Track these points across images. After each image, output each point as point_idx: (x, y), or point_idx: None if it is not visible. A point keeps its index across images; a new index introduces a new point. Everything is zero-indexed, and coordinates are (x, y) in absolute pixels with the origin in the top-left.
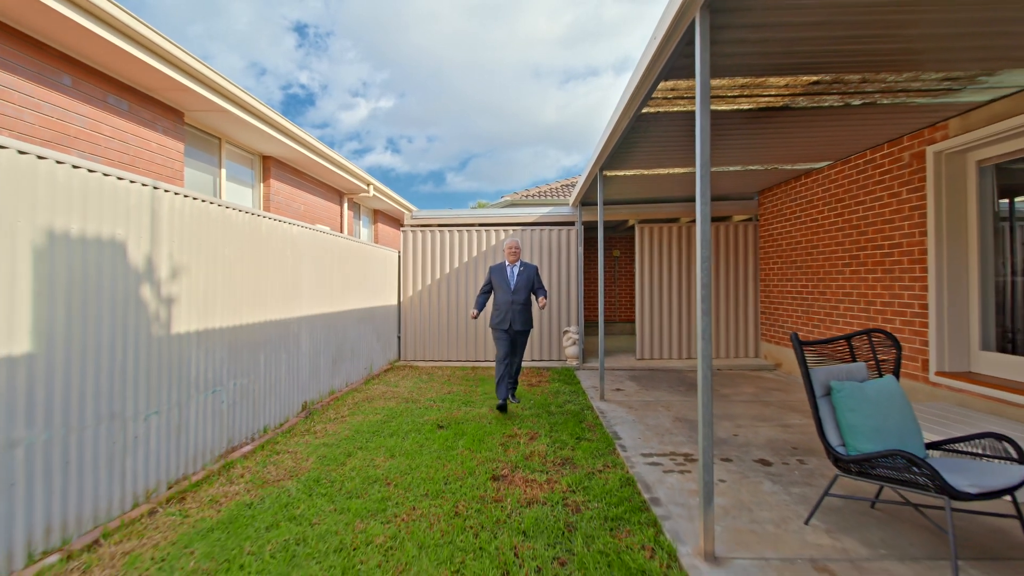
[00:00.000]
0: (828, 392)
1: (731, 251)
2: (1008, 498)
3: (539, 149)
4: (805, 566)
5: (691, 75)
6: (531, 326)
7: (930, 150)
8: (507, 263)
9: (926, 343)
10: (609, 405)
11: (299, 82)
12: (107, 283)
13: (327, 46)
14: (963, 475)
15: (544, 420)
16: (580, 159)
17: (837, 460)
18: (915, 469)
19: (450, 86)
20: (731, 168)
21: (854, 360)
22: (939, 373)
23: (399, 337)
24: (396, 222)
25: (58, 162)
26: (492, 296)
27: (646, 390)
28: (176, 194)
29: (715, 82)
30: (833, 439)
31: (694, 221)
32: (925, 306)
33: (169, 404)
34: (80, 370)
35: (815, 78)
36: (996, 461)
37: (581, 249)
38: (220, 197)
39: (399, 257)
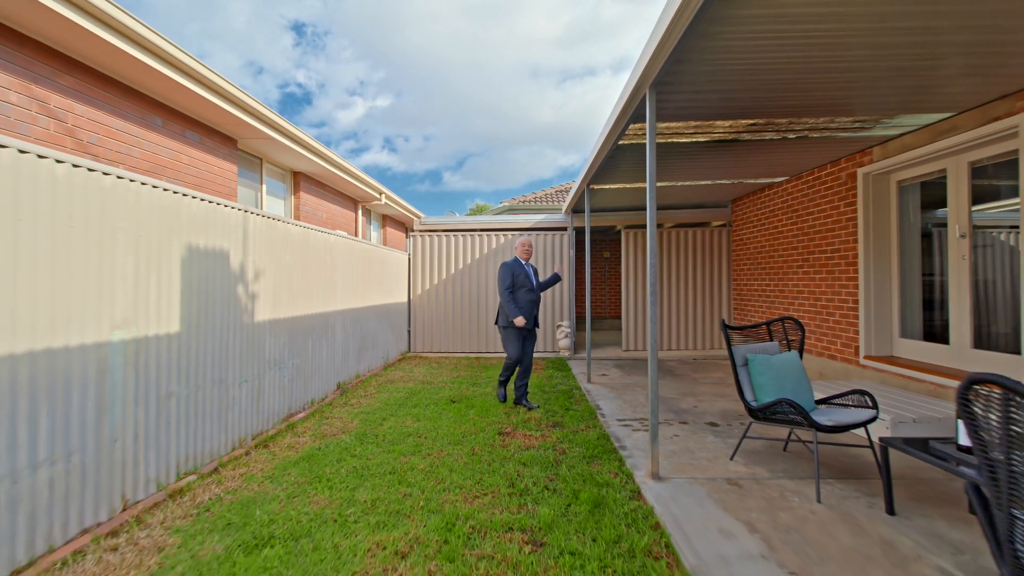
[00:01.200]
0: (746, 363)
1: (708, 253)
2: (863, 433)
3: (536, 148)
4: (721, 482)
5: (667, 117)
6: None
7: (860, 171)
8: (522, 261)
9: (858, 332)
10: (595, 386)
11: (296, 81)
12: (218, 283)
13: (324, 45)
14: (828, 416)
15: (539, 397)
16: (577, 158)
17: (750, 411)
18: (794, 411)
19: (447, 85)
20: (701, 182)
21: (771, 340)
22: (867, 357)
23: (409, 331)
24: (402, 225)
25: (193, 197)
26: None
27: (628, 375)
28: (257, 215)
29: (673, 124)
30: (748, 396)
31: (676, 226)
32: (857, 301)
33: (253, 375)
34: (203, 346)
35: (751, 121)
36: (859, 408)
37: (572, 252)
38: (261, 209)
39: (408, 259)
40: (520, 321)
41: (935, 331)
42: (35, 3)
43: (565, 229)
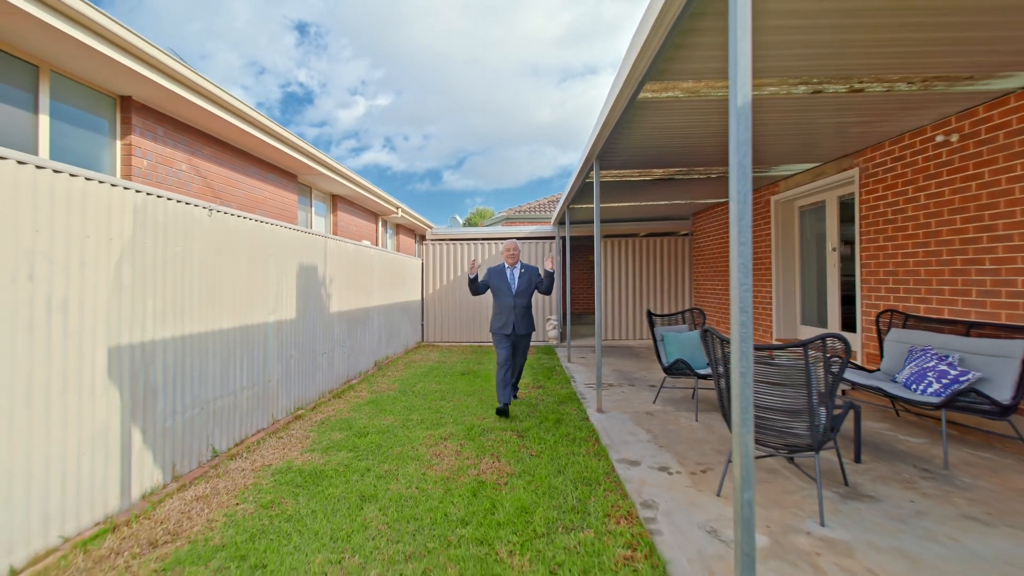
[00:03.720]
0: (662, 339)
1: (674, 258)
2: None
3: (536, 147)
4: (641, 413)
5: (607, 168)
6: (534, 328)
7: (773, 198)
8: (507, 265)
9: (771, 319)
10: (573, 365)
11: (298, 80)
12: (311, 286)
13: (327, 44)
14: (707, 369)
15: (528, 372)
16: (577, 157)
17: (664, 369)
18: (685, 366)
19: (447, 84)
20: (661, 202)
21: (684, 323)
22: (777, 339)
23: (422, 324)
24: (412, 232)
25: (300, 231)
26: (492, 300)
27: (601, 357)
28: (330, 239)
29: (622, 171)
30: (662, 360)
31: (648, 235)
32: (771, 297)
33: (328, 350)
34: (305, 328)
35: (677, 168)
36: None
37: (559, 258)
38: (311, 228)
39: (422, 264)
40: (473, 262)
41: (823, 319)
42: (196, 106)
43: (554, 238)
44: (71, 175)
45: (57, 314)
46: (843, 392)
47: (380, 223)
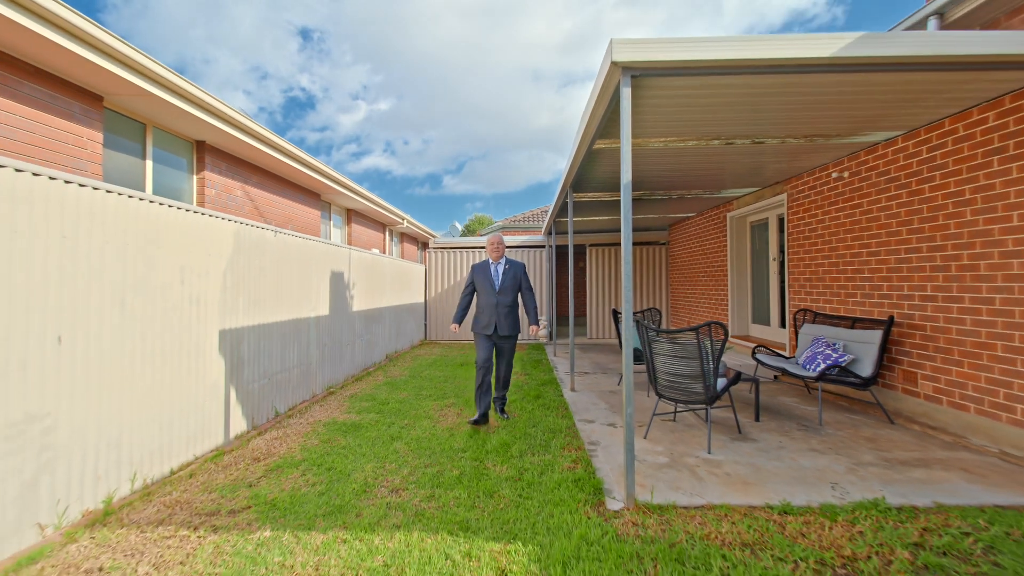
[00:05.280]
0: None
1: (653, 265)
2: None
3: (535, 152)
4: (606, 392)
5: (583, 191)
6: (518, 330)
7: (728, 215)
8: (491, 261)
9: (727, 318)
10: (558, 359)
11: (300, 85)
12: (339, 289)
13: (329, 50)
14: None
15: (518, 364)
16: None
17: None
18: (641, 353)
19: (447, 88)
20: (637, 216)
21: (644, 320)
22: (732, 336)
23: (426, 323)
24: (415, 240)
25: (332, 245)
26: (475, 298)
27: (583, 352)
28: (354, 251)
29: (596, 193)
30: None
31: (633, 244)
32: (727, 299)
33: (351, 342)
34: (334, 323)
35: (642, 191)
36: None
37: (549, 264)
38: (330, 239)
39: (425, 270)
40: (453, 327)
41: (769, 318)
42: (252, 146)
43: (544, 246)
44: (201, 213)
45: (194, 306)
46: (775, 377)
47: (387, 233)
